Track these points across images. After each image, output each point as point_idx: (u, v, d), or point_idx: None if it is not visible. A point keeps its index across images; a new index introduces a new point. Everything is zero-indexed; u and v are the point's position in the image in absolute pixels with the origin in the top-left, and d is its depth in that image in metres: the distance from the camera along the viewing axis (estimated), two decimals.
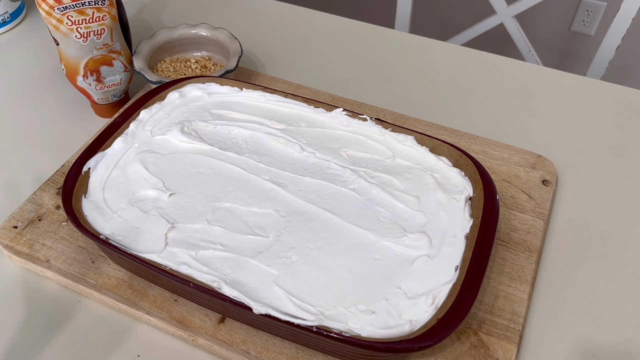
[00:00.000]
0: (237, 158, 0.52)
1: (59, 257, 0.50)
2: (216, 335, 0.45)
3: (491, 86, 0.70)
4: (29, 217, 0.53)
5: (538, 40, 1.51)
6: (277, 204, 0.48)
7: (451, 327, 0.39)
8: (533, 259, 0.50)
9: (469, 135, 0.61)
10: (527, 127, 0.65)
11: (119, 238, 0.46)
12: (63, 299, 0.49)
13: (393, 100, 0.68)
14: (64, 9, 0.56)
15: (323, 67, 0.74)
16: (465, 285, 0.41)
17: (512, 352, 0.44)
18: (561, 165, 0.60)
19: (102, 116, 0.66)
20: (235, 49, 0.65)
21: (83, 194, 0.49)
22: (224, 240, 0.46)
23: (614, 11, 1.01)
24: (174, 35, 0.68)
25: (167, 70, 0.67)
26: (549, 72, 0.72)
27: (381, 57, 0.75)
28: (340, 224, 0.47)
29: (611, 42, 0.99)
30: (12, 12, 0.80)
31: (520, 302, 0.47)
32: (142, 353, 0.46)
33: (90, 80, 0.61)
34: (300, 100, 0.57)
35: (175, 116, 0.56)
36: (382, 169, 0.52)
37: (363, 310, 0.41)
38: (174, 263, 0.44)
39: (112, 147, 0.53)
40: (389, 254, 0.45)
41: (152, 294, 0.47)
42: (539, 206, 0.54)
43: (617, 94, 0.69)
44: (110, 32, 0.59)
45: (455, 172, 0.51)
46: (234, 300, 0.41)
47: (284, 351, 0.44)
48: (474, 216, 0.47)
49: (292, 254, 0.45)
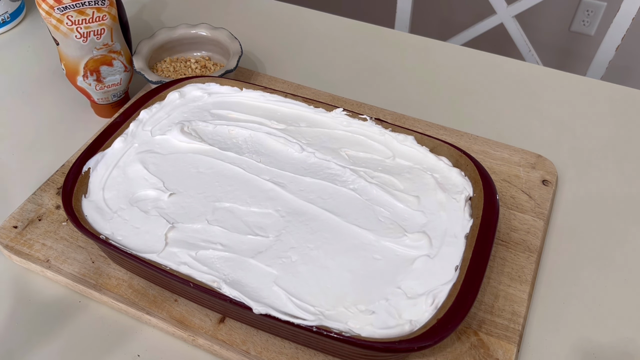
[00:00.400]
0: (237, 158, 0.52)
1: (59, 257, 0.50)
2: (216, 335, 0.45)
3: (491, 86, 0.70)
4: (29, 217, 0.53)
5: (538, 40, 1.51)
6: (277, 204, 0.48)
7: (451, 327, 0.39)
8: (533, 259, 0.50)
9: (469, 135, 0.61)
10: (527, 127, 0.65)
11: (119, 238, 0.46)
12: (63, 299, 0.49)
13: (393, 100, 0.68)
14: (64, 9, 0.56)
15: (323, 67, 0.74)
16: (465, 285, 0.41)
17: (512, 352, 0.44)
18: (561, 165, 0.60)
19: (102, 116, 0.66)
20: (235, 49, 0.65)
21: (83, 194, 0.49)
22: (224, 240, 0.46)
23: (614, 11, 1.01)
24: (174, 35, 0.68)
25: (167, 70, 0.67)
26: (549, 72, 0.72)
27: (381, 57, 0.75)
28: (340, 224, 0.47)
29: (611, 42, 0.99)
30: (12, 12, 0.80)
31: (520, 302, 0.47)
32: (142, 353, 0.46)
33: (90, 80, 0.61)
34: (300, 100, 0.57)
35: (175, 116, 0.57)
36: (382, 169, 0.52)
37: (363, 310, 0.41)
38: (174, 263, 0.44)
39: (112, 147, 0.53)
40: (389, 254, 0.45)
41: (152, 294, 0.47)
42: (539, 206, 0.54)
43: (617, 94, 0.69)
44: (110, 32, 0.59)
45: (455, 172, 0.51)
46: (234, 300, 0.41)
47: (284, 351, 0.44)
48: (474, 216, 0.47)
49: (292, 254, 0.45)
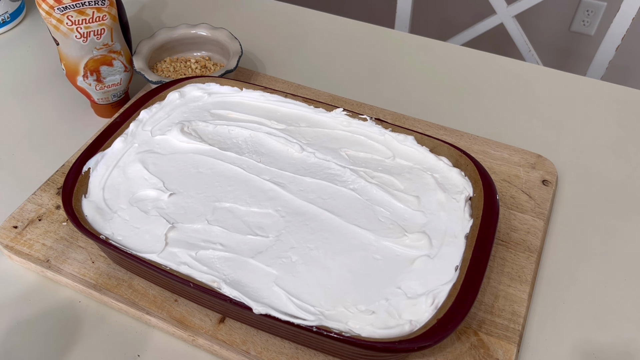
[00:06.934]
0: (237, 158, 0.52)
1: (59, 257, 0.50)
2: (216, 335, 0.45)
3: (491, 86, 0.70)
4: (29, 217, 0.53)
5: (538, 40, 1.51)
6: (277, 204, 0.48)
7: (451, 327, 0.39)
8: (533, 259, 0.50)
9: (469, 135, 0.61)
10: (527, 127, 0.65)
11: (119, 238, 0.46)
12: (63, 299, 0.49)
13: (393, 100, 0.68)
14: (64, 9, 0.56)
15: (323, 67, 0.74)
16: (465, 285, 0.41)
17: (512, 352, 0.44)
18: (561, 165, 0.60)
19: (102, 116, 0.66)
20: (235, 49, 0.65)
21: (83, 194, 0.49)
22: (224, 240, 0.46)
23: (614, 11, 1.01)
24: (174, 35, 0.68)
25: (167, 70, 0.67)
26: (549, 72, 0.72)
27: (381, 57, 0.75)
28: (340, 224, 0.47)
29: (611, 42, 0.99)
30: (12, 12, 0.80)
31: (520, 302, 0.47)
32: (142, 353, 0.46)
33: (90, 80, 0.61)
34: (300, 100, 0.57)
35: (175, 116, 0.57)
36: (382, 169, 0.52)
37: (363, 310, 0.41)
38: (174, 263, 0.44)
39: (112, 147, 0.53)
40: (389, 254, 0.45)
41: (152, 294, 0.47)
42: (539, 206, 0.54)
43: (617, 94, 0.69)
44: (110, 32, 0.59)
45: (455, 172, 0.51)
46: (234, 300, 0.41)
47: (284, 351, 0.44)
48: (474, 216, 0.47)
49: (292, 254, 0.45)
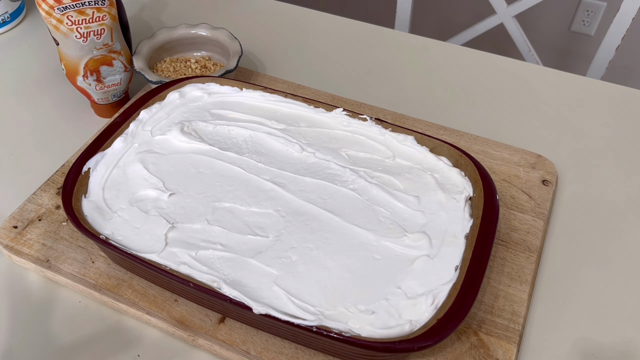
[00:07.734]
0: (237, 158, 0.52)
1: (59, 257, 0.50)
2: (216, 335, 0.45)
3: (491, 86, 0.70)
4: (29, 217, 0.53)
5: (538, 40, 1.51)
6: (277, 204, 0.48)
7: (451, 327, 0.39)
8: (533, 259, 0.50)
9: (469, 135, 0.61)
10: (527, 127, 0.65)
11: (119, 238, 0.46)
12: (63, 299, 0.49)
13: (393, 100, 0.68)
14: (64, 9, 0.56)
15: (323, 67, 0.74)
16: (465, 285, 0.41)
17: (512, 352, 0.44)
18: (561, 165, 0.60)
19: (102, 116, 0.66)
20: (235, 49, 0.65)
21: (83, 194, 0.49)
22: (224, 240, 0.46)
23: (614, 11, 1.01)
24: (174, 35, 0.68)
25: (167, 70, 0.67)
26: (549, 72, 0.72)
27: (381, 57, 0.75)
28: (340, 224, 0.47)
29: (611, 42, 0.99)
30: (12, 12, 0.80)
31: (520, 302, 0.47)
32: (142, 353, 0.46)
33: (90, 80, 0.61)
34: (300, 100, 0.57)
35: (175, 116, 0.57)
36: (382, 169, 0.52)
37: (363, 310, 0.41)
38: (174, 263, 0.44)
39: (112, 147, 0.53)
40: (389, 254, 0.45)
41: (152, 294, 0.47)
42: (539, 206, 0.54)
43: (617, 94, 0.69)
44: (110, 32, 0.59)
45: (455, 172, 0.51)
46: (234, 300, 0.41)
47: (284, 351, 0.44)
48: (474, 216, 0.47)
49: (292, 254, 0.45)
